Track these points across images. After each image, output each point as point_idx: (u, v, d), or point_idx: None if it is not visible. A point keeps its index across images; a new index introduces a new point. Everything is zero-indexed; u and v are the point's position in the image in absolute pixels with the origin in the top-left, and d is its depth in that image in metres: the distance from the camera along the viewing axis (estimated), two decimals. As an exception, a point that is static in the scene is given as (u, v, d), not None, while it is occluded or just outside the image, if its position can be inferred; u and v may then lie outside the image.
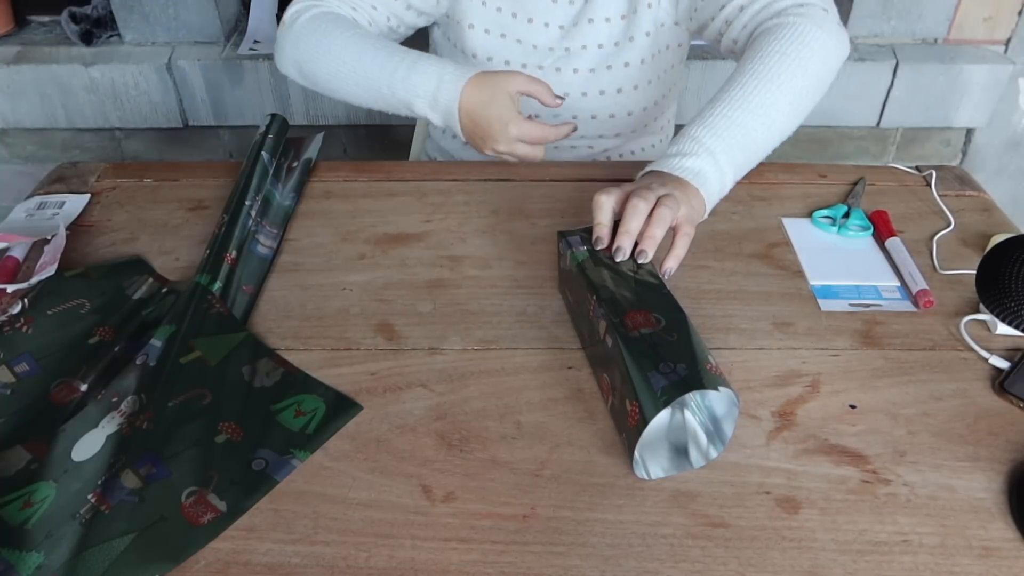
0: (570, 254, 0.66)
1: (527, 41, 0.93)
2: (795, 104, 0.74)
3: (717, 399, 0.56)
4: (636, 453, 0.54)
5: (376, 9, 0.89)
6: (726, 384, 0.53)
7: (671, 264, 0.65)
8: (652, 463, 0.56)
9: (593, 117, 0.97)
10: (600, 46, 0.92)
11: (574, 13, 0.91)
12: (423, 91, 0.79)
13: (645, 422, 0.52)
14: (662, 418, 0.54)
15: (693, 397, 0.56)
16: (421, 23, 0.95)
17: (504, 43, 0.93)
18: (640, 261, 0.64)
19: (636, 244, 0.64)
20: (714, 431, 0.57)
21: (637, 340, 0.56)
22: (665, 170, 0.70)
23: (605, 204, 0.66)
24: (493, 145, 0.79)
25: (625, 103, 0.97)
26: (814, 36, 0.74)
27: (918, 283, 0.72)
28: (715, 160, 0.70)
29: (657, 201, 0.65)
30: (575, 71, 0.94)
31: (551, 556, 0.51)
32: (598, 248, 0.65)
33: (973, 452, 0.58)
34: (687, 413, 0.57)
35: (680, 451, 0.56)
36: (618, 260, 0.64)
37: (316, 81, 0.86)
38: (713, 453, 0.56)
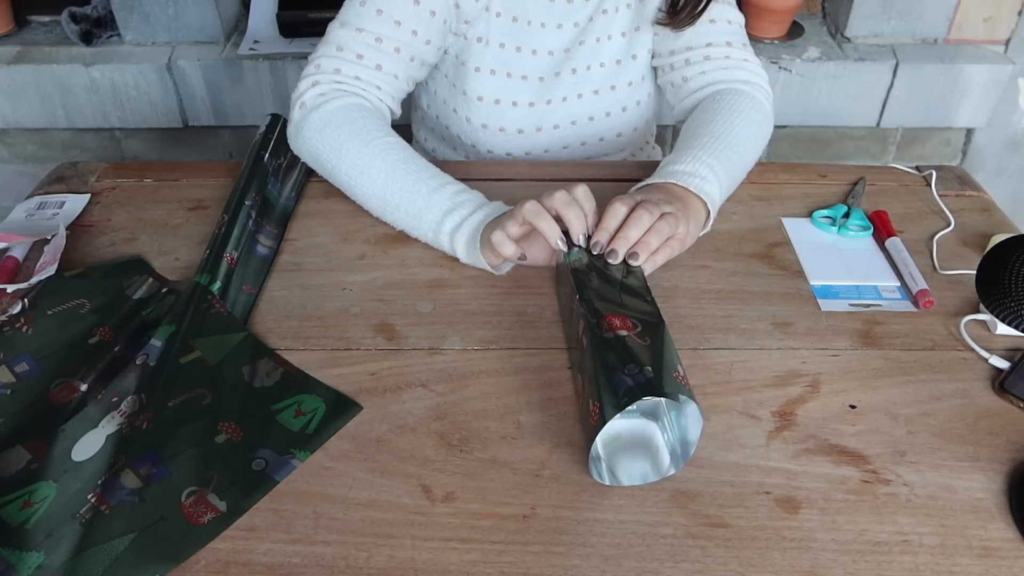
0: (564, 254, 0.66)
1: (532, 76, 0.91)
2: (751, 158, 0.83)
3: (693, 420, 0.54)
4: (602, 455, 0.53)
5: (398, 78, 0.84)
6: (690, 395, 0.52)
7: (642, 262, 0.66)
8: (620, 469, 0.55)
9: (601, 139, 0.98)
10: (602, 64, 0.92)
11: (577, 34, 0.91)
12: (453, 218, 0.73)
13: (604, 422, 0.51)
14: (634, 425, 0.53)
15: (666, 412, 0.54)
16: (424, 75, 0.91)
17: (511, 83, 0.91)
18: (632, 263, 0.65)
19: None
20: (680, 453, 0.55)
21: (609, 341, 0.56)
22: (679, 183, 0.73)
23: (619, 212, 0.67)
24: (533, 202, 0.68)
25: (630, 120, 0.97)
26: (768, 115, 0.87)
27: (918, 283, 0.72)
28: (719, 184, 0.75)
29: (660, 216, 0.67)
30: (580, 96, 0.93)
31: (551, 556, 0.51)
32: (595, 251, 0.65)
33: (973, 452, 0.58)
34: (656, 427, 0.54)
35: (647, 461, 0.55)
36: (610, 262, 0.65)
37: (332, 176, 0.80)
38: (672, 471, 0.56)
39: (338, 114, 0.79)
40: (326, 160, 0.79)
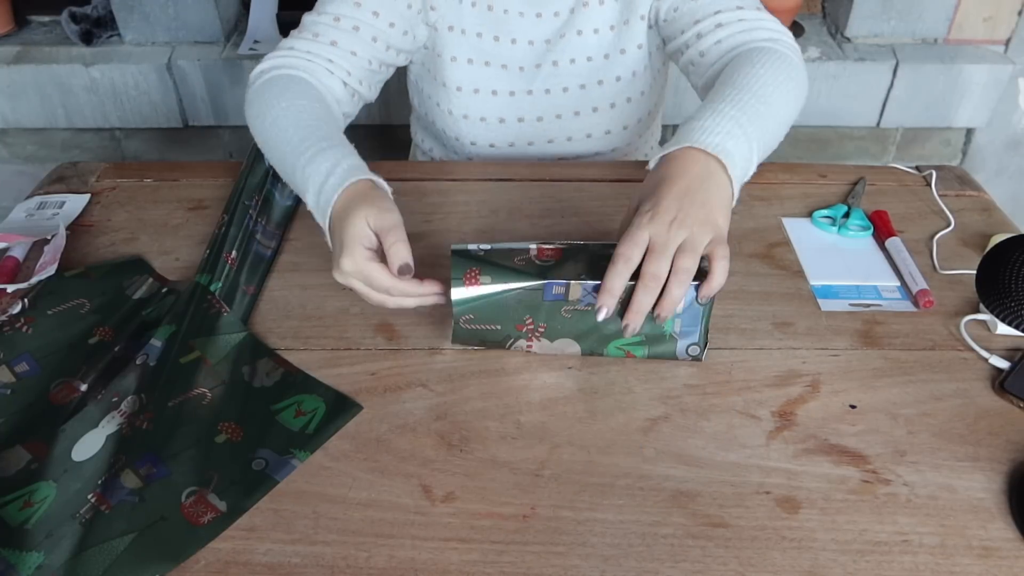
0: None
1: (512, 65, 0.91)
2: (785, 120, 0.74)
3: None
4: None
5: (356, 55, 0.83)
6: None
7: (706, 292, 0.60)
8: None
9: (588, 135, 0.96)
10: (589, 59, 0.90)
11: (559, 25, 0.89)
12: (312, 184, 0.67)
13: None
14: None
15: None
16: (401, 62, 0.91)
17: (489, 71, 0.91)
18: (627, 335, 0.61)
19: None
20: None
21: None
22: (696, 145, 0.63)
23: (622, 274, 0.58)
24: (333, 270, 0.64)
25: (619, 117, 0.95)
26: (797, 68, 0.77)
27: (918, 283, 0.72)
28: (747, 137, 0.65)
29: (677, 252, 0.58)
30: (565, 90, 0.92)
31: (551, 556, 0.51)
32: (600, 318, 0.60)
33: (973, 452, 0.58)
34: None
35: None
36: (627, 335, 0.61)
37: (260, 146, 0.78)
38: None
39: (270, 83, 0.79)
40: (253, 132, 0.79)
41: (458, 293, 0.61)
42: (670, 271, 0.59)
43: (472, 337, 0.64)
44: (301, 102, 0.76)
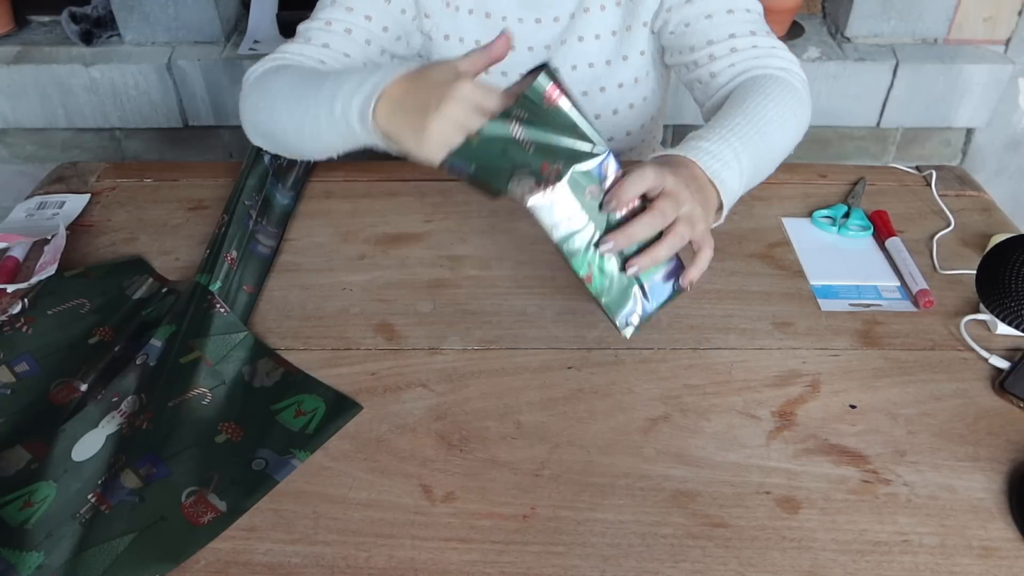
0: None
1: (512, 72, 0.89)
2: (782, 150, 0.74)
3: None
4: None
5: (349, 57, 0.82)
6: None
7: (691, 277, 0.60)
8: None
9: None
10: (591, 65, 0.89)
11: (559, 31, 0.88)
12: (351, 80, 0.64)
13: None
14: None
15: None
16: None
17: (488, 79, 0.88)
18: (628, 272, 0.60)
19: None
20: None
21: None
22: (700, 164, 0.64)
23: (647, 178, 0.58)
24: (438, 105, 0.57)
25: (622, 123, 0.95)
26: (804, 103, 0.78)
27: (918, 283, 0.72)
28: (741, 171, 0.67)
29: (677, 219, 0.58)
30: None
31: (551, 556, 0.51)
32: (607, 209, 0.58)
33: (973, 452, 0.58)
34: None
35: None
36: (600, 249, 0.59)
37: (269, 131, 0.75)
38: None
39: (258, 79, 0.77)
40: (255, 113, 0.76)
41: (534, 95, 0.54)
42: (666, 230, 0.58)
43: (481, 157, 0.56)
44: (306, 68, 0.76)
